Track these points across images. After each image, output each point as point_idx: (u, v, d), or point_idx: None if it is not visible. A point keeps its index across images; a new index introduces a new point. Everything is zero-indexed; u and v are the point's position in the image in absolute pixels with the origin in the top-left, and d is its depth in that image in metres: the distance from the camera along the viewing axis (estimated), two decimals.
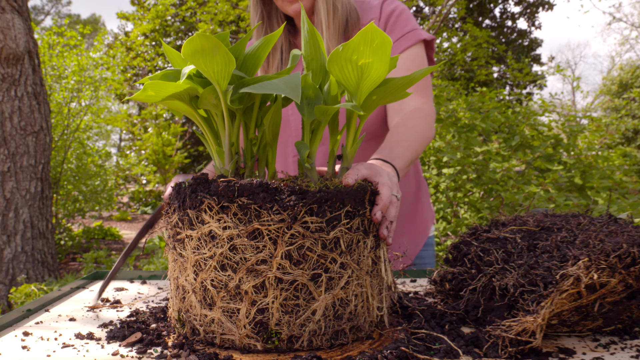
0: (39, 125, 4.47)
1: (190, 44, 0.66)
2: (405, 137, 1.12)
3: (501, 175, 3.61)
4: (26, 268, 4.31)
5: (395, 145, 1.08)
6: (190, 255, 0.75)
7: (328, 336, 0.75)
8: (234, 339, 0.73)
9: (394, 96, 0.81)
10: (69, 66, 6.58)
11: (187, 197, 0.74)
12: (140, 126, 11.66)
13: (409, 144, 1.10)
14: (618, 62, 28.15)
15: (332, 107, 0.75)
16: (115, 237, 8.25)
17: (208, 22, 11.12)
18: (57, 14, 31.88)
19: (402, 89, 0.79)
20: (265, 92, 0.68)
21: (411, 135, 1.13)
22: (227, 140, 0.78)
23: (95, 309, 0.98)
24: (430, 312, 0.89)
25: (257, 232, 0.70)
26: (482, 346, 0.75)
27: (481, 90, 4.33)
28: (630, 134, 16.87)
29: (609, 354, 0.75)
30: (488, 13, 14.17)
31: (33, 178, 4.42)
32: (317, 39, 0.78)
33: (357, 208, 0.75)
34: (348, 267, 0.75)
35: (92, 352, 0.74)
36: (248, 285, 0.71)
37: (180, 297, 0.79)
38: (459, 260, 0.99)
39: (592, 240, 0.76)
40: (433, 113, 1.25)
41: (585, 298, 0.73)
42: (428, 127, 1.20)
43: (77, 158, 6.94)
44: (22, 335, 0.82)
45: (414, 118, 1.19)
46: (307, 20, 0.78)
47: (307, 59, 0.80)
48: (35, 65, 4.51)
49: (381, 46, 0.68)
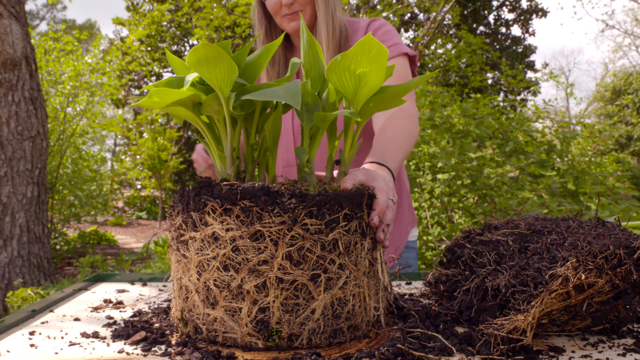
0: (35, 130, 4.48)
1: (195, 53, 0.69)
2: (394, 138, 1.16)
3: (495, 181, 3.65)
4: (22, 272, 4.30)
5: (387, 148, 1.11)
6: (194, 256, 0.77)
7: (327, 335, 0.77)
8: (235, 337, 0.76)
9: (389, 103, 0.84)
10: (65, 71, 6.60)
11: (191, 200, 0.77)
12: (136, 131, 11.66)
13: (398, 145, 1.14)
14: (611, 69, 28.41)
15: (330, 114, 0.78)
16: (111, 242, 8.24)
17: (204, 28, 11.16)
18: (53, 19, 31.85)
19: (397, 96, 0.82)
20: (266, 99, 0.71)
21: (399, 135, 1.17)
22: (229, 145, 0.80)
23: (98, 310, 1.00)
24: (425, 312, 0.92)
25: (259, 234, 0.73)
26: (475, 344, 0.77)
27: (476, 96, 4.38)
28: (623, 140, 17.02)
29: (597, 352, 0.78)
30: (482, 20, 14.29)
31: (29, 182, 4.43)
32: (316, 48, 0.81)
33: (354, 211, 0.78)
34: (346, 268, 0.77)
35: (99, 350, 0.76)
36: (250, 285, 0.73)
37: (183, 297, 0.81)
38: (453, 262, 1.02)
39: (581, 242, 0.80)
40: (416, 112, 1.31)
41: (574, 298, 0.77)
42: (413, 126, 1.24)
43: (73, 163, 6.94)
44: (28, 334, 0.84)
45: (398, 119, 1.23)
46: (306, 29, 0.81)
47: (306, 67, 0.83)
48: (33, 70, 4.53)
49: (378, 56, 0.71)
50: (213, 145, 0.84)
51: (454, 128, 4.09)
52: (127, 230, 10.67)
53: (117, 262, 5.74)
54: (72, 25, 32.32)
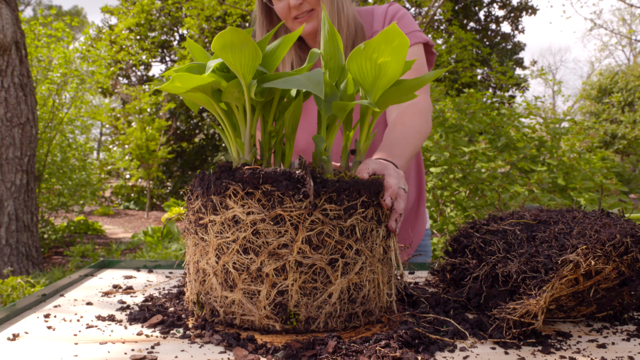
0: (25, 116, 4.43)
1: (221, 38, 0.70)
2: (403, 134, 1.17)
3: (487, 175, 3.70)
4: (10, 261, 4.26)
5: (395, 144, 1.12)
6: (213, 239, 0.78)
7: (342, 319, 0.79)
8: (253, 319, 0.77)
9: (405, 96, 0.85)
10: (54, 58, 6.51)
11: (212, 183, 0.77)
12: (124, 120, 11.54)
13: (406, 142, 1.15)
14: (597, 68, 28.74)
15: (349, 103, 0.79)
16: (98, 231, 8.18)
17: (194, 17, 11.06)
18: (38, 4, 31.30)
19: (412, 90, 0.83)
20: (289, 87, 0.72)
21: (408, 132, 1.17)
22: (248, 132, 0.81)
23: (109, 295, 1.01)
24: (435, 299, 0.94)
25: (280, 218, 0.74)
26: (486, 329, 0.80)
27: (469, 91, 4.42)
28: (608, 138, 17.27)
29: (602, 337, 0.81)
30: (473, 16, 14.36)
31: (18, 170, 4.37)
32: (337, 39, 0.82)
33: (371, 199, 0.80)
34: (362, 253, 0.79)
35: (117, 333, 0.77)
36: (269, 268, 0.75)
37: (200, 280, 0.82)
38: (460, 251, 1.04)
39: (589, 231, 0.82)
40: (429, 107, 1.30)
41: (581, 284, 0.79)
42: (424, 122, 1.24)
43: (62, 151, 6.86)
44: (43, 317, 0.84)
45: (409, 114, 1.24)
46: (327, 20, 0.82)
47: (325, 57, 0.84)
48: (23, 56, 4.46)
49: (400, 47, 0.72)
50: (230, 132, 0.84)
51: (447, 122, 4.12)
52: (114, 220, 10.59)
53: (107, 252, 5.70)
54: (58, 12, 31.81)
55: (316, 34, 1.35)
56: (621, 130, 17.47)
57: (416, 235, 1.47)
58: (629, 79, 19.64)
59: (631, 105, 19.09)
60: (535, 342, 0.76)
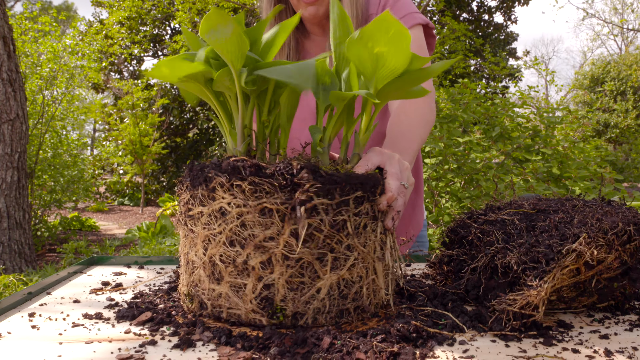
0: (14, 112, 4.36)
1: (208, 20, 0.66)
2: (408, 127, 1.11)
3: (482, 165, 3.68)
4: (3, 259, 4.21)
5: (400, 138, 1.07)
6: (201, 231, 0.75)
7: (333, 314, 0.76)
8: (240, 313, 0.75)
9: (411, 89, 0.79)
10: (42, 52, 6.42)
11: (199, 174, 0.75)
12: (117, 116, 11.43)
13: (412, 134, 1.10)
14: (590, 58, 28.78)
15: (347, 94, 0.76)
16: (93, 228, 8.13)
17: (186, 11, 10.97)
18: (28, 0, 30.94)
19: (418, 81, 0.77)
20: (276, 77, 0.69)
21: (413, 122, 1.12)
22: (240, 121, 0.78)
23: (98, 292, 0.98)
24: (432, 292, 0.92)
25: (267, 210, 0.71)
26: (485, 321, 0.77)
27: (463, 81, 4.40)
28: (601, 127, 17.33)
29: (604, 328, 0.79)
30: (466, 6, 14.32)
31: (9, 167, 4.32)
32: (348, 22, 0.78)
33: (366, 194, 0.77)
34: (354, 249, 0.76)
35: (104, 331, 0.74)
36: (255, 261, 0.72)
37: (189, 272, 0.80)
38: (457, 242, 1.02)
39: (590, 219, 0.80)
40: (432, 93, 1.23)
41: (583, 274, 0.77)
42: (428, 110, 1.19)
43: (53, 147, 6.79)
44: (28, 316, 0.81)
45: (412, 102, 1.17)
46: (337, 3, 0.79)
47: (335, 42, 0.80)
48: (11, 51, 4.39)
49: (398, 37, 0.68)
50: (225, 122, 0.81)
51: (442, 113, 4.10)
52: (108, 217, 10.53)
53: (100, 249, 5.66)
54: (47, 6, 31.46)
55: (320, 19, 1.31)
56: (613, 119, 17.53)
57: (414, 228, 1.44)
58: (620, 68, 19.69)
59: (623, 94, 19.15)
60: (537, 334, 0.74)
